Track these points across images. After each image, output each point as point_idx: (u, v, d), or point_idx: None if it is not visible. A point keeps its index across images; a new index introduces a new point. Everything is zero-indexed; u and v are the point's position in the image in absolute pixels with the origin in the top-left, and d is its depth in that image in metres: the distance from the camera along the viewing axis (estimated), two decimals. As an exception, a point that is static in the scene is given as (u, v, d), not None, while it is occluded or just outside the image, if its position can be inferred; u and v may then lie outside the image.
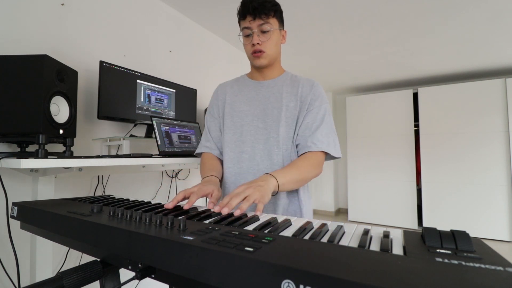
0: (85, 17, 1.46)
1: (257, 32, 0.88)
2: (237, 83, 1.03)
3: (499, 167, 3.29)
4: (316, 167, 0.86)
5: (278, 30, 0.91)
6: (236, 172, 0.93)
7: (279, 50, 0.96)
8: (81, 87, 1.40)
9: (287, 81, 0.96)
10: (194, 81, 2.20)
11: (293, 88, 0.94)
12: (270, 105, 0.93)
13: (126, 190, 1.65)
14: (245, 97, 0.97)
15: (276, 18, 0.89)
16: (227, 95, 1.01)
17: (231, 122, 0.97)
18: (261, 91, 0.96)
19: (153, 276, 0.44)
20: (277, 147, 0.89)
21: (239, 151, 0.93)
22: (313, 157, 0.86)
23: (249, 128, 0.93)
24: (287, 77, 0.98)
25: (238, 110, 0.96)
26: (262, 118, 0.93)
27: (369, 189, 4.13)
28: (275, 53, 0.93)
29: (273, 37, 0.89)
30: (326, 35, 2.47)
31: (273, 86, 0.96)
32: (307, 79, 0.96)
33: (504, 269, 0.27)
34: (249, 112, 0.95)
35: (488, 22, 2.23)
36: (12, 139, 1.02)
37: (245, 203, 0.59)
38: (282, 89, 0.94)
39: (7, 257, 1.11)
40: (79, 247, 0.56)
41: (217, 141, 1.02)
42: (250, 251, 0.33)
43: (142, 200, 0.75)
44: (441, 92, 3.64)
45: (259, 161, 0.90)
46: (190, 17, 2.17)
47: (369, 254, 0.32)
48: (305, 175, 0.83)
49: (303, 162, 0.84)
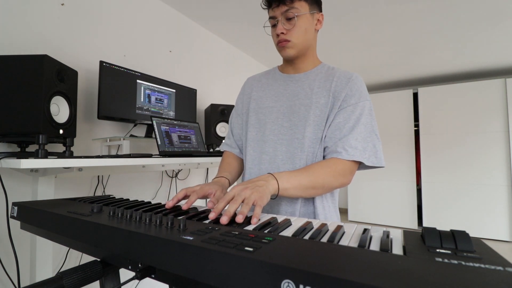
0: (85, 17, 1.46)
1: (282, 20, 0.78)
2: (266, 76, 0.94)
3: (499, 167, 3.29)
4: (340, 176, 0.72)
5: (308, 14, 0.78)
6: (256, 174, 0.85)
7: (312, 37, 0.83)
8: (81, 87, 1.40)
9: (321, 74, 0.83)
10: (194, 81, 2.20)
11: (326, 82, 0.81)
12: (298, 102, 0.82)
13: (126, 190, 1.65)
14: (272, 92, 0.88)
15: (305, 1, 0.78)
16: (253, 89, 0.93)
17: (255, 119, 0.88)
18: (290, 86, 0.85)
19: (153, 276, 0.44)
20: (301, 150, 0.78)
21: (260, 151, 0.85)
22: (339, 164, 0.72)
23: (272, 127, 0.84)
24: (323, 69, 0.85)
25: (264, 106, 0.87)
26: (288, 116, 0.82)
27: (369, 189, 4.12)
28: (304, 41, 0.81)
29: (301, 23, 0.77)
30: (325, 35, 2.47)
31: (304, 80, 0.84)
32: (344, 72, 0.82)
33: (504, 269, 0.27)
34: (274, 108, 0.85)
35: (488, 22, 2.23)
36: (12, 139, 1.02)
37: (245, 207, 0.54)
38: (314, 83, 0.82)
39: (7, 257, 1.11)
40: (79, 247, 0.56)
41: (238, 139, 0.96)
42: (250, 251, 0.33)
43: (142, 200, 0.75)
44: (441, 92, 3.64)
45: (279, 164, 0.81)
46: (190, 17, 2.17)
47: (369, 254, 0.32)
48: (320, 183, 0.71)
49: (321, 168, 0.72)
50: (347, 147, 0.72)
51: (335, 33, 2.43)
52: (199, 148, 1.66)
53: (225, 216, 0.51)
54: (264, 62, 3.23)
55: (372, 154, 0.74)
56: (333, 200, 0.83)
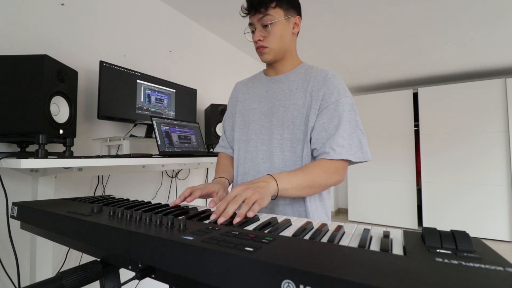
0: (85, 17, 1.46)
1: (258, 26, 0.82)
2: (252, 80, 0.98)
3: (499, 167, 3.29)
4: (333, 174, 0.75)
5: (283, 20, 0.81)
6: (242, 172, 0.90)
7: (289, 41, 0.85)
8: (81, 87, 1.40)
9: (301, 75, 0.86)
10: (194, 81, 2.20)
11: (304, 82, 0.83)
12: (277, 103, 0.85)
13: (126, 190, 1.65)
14: (256, 95, 0.92)
15: (280, 8, 0.80)
16: (240, 93, 0.98)
17: (241, 120, 0.93)
18: (271, 88, 0.89)
19: (153, 276, 0.43)
20: (280, 150, 0.82)
21: (245, 150, 0.90)
22: (330, 163, 0.75)
23: (255, 127, 0.88)
24: (302, 69, 0.87)
25: (248, 108, 0.92)
26: (268, 117, 0.86)
27: (369, 189, 4.12)
28: (280, 46, 0.84)
29: (276, 29, 0.81)
30: (325, 35, 2.47)
31: (284, 82, 0.87)
32: (321, 71, 0.83)
33: (504, 269, 0.27)
34: (257, 110, 0.89)
35: (488, 22, 2.23)
36: (12, 139, 1.02)
37: (244, 207, 0.56)
38: (292, 84, 0.85)
39: (7, 257, 1.11)
40: (79, 247, 0.55)
41: (230, 140, 1.00)
42: (250, 251, 0.33)
43: (142, 200, 0.75)
44: (441, 92, 3.64)
45: (260, 163, 0.85)
46: (190, 17, 2.17)
47: (369, 254, 0.32)
48: (316, 182, 0.74)
49: (315, 168, 0.75)
50: (335, 146, 0.75)
51: (335, 33, 2.43)
52: (199, 148, 1.66)
53: (223, 217, 0.52)
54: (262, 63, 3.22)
55: (358, 149, 0.76)
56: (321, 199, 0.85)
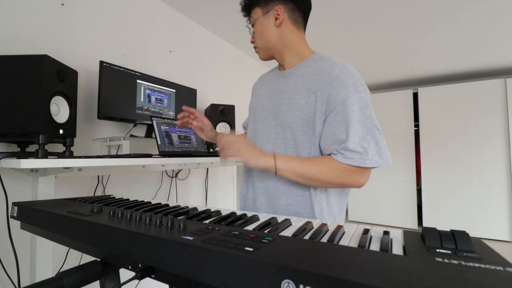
0: (85, 17, 1.46)
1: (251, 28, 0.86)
2: (269, 74, 0.96)
3: (499, 167, 3.29)
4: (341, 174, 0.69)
5: (261, 17, 0.82)
6: (248, 169, 0.90)
7: (276, 35, 0.82)
8: (81, 87, 1.40)
9: (310, 68, 0.79)
10: (194, 81, 2.20)
11: (309, 79, 0.76)
12: (283, 101, 0.81)
13: (126, 190, 1.65)
14: (267, 90, 0.89)
15: (258, 6, 0.82)
16: (256, 87, 0.97)
17: (253, 116, 0.93)
18: (280, 83, 0.85)
19: (153, 276, 0.44)
20: (284, 151, 0.79)
21: None
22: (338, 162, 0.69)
23: (262, 125, 0.86)
24: (311, 62, 0.80)
25: (259, 104, 0.90)
26: (274, 115, 0.82)
27: (369, 189, 4.12)
28: (266, 43, 0.83)
29: (256, 28, 0.84)
30: (325, 35, 2.47)
31: (292, 76, 0.82)
32: (328, 65, 0.75)
33: (504, 269, 0.27)
34: (265, 107, 0.86)
35: (488, 22, 2.23)
36: (12, 139, 1.02)
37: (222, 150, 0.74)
38: (299, 81, 0.79)
39: (7, 257, 1.11)
40: (79, 247, 0.56)
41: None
42: (250, 251, 0.33)
43: (142, 200, 0.75)
44: (441, 92, 3.64)
45: None
46: (190, 17, 2.17)
47: (369, 254, 0.32)
48: (315, 175, 0.70)
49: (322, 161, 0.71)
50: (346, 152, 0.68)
51: (335, 33, 2.43)
52: (199, 148, 1.66)
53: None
54: (264, 62, 3.22)
55: (376, 153, 0.67)
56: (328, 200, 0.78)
